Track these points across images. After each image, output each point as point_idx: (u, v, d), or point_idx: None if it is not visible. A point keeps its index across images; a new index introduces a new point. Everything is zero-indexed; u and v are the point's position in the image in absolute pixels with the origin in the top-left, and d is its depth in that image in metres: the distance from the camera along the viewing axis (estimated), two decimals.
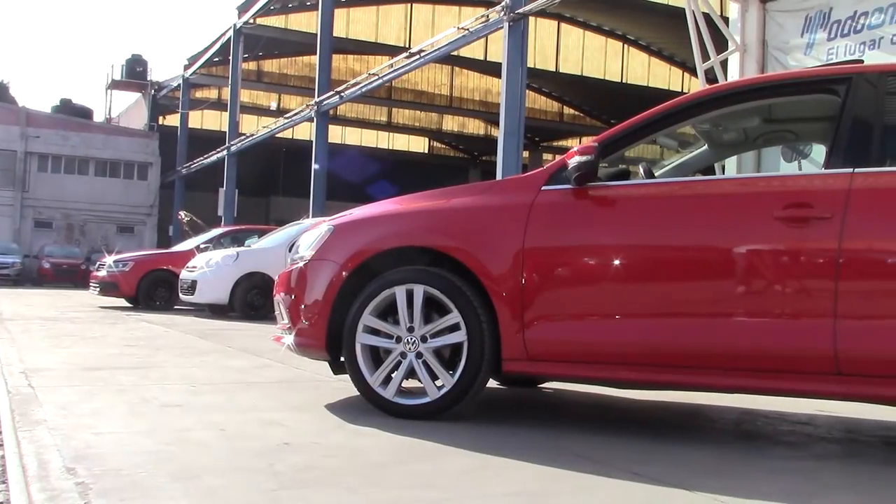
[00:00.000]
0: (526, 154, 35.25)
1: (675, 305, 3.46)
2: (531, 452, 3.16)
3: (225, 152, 30.91)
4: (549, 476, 2.83)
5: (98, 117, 46.78)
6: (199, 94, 39.96)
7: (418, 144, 47.49)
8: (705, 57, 10.57)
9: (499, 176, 13.04)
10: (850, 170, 3.30)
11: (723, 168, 8.25)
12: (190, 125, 38.46)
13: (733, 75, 10.43)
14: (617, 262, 3.55)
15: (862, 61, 5.70)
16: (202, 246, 14.83)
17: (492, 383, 4.59)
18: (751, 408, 4.55)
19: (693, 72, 12.50)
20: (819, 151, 4.76)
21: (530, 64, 23.29)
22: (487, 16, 15.24)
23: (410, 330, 3.73)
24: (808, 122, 4.46)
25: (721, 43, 10.72)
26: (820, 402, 4.47)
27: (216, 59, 34.51)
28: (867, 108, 3.44)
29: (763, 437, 3.88)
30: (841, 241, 3.19)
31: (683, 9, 10.83)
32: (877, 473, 3.14)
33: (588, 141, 3.73)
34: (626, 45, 37.69)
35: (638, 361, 3.49)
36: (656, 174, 4.31)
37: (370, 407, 3.80)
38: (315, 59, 24.30)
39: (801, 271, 3.30)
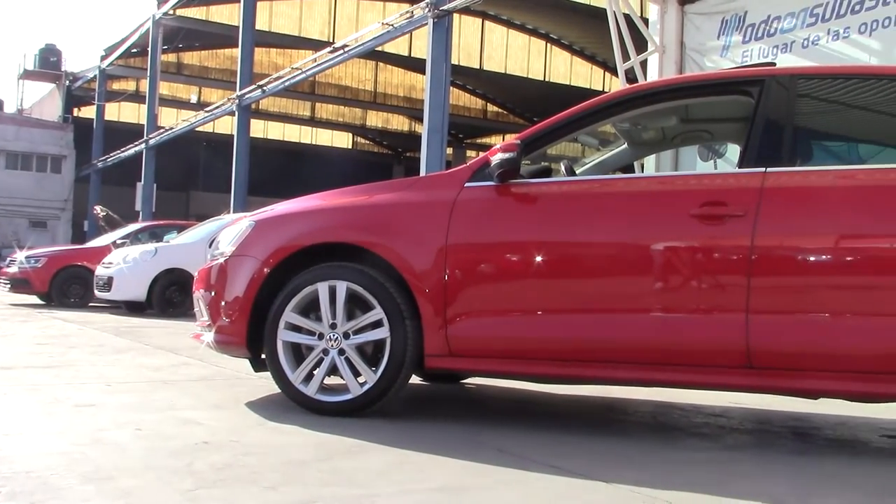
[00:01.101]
0: (450, 151, 35.32)
1: (594, 301, 3.52)
2: (453, 448, 3.17)
3: (143, 146, 30.22)
4: (470, 471, 2.85)
5: (9, 108, 45.18)
6: (116, 85, 38.97)
7: (342, 140, 47.19)
8: (626, 57, 10.76)
9: (422, 172, 13.05)
10: (763, 169, 3.41)
11: (642, 166, 8.41)
12: (107, 117, 37.46)
13: (652, 75, 10.64)
14: (538, 258, 3.58)
15: (774, 64, 5.88)
16: (119, 241, 14.47)
17: (415, 379, 4.59)
18: (667, 401, 4.66)
19: (614, 71, 12.74)
20: (734, 151, 4.89)
21: (454, 61, 23.38)
22: (412, 12, 15.22)
23: (333, 327, 3.71)
24: (723, 123, 4.58)
25: (641, 43, 10.92)
26: (733, 394, 4.60)
27: (134, 51, 33.70)
28: (779, 109, 3.55)
29: (679, 428, 3.97)
30: (753, 238, 3.28)
31: (605, 9, 11.01)
32: (787, 463, 3.25)
33: (511, 138, 3.76)
34: (549, 44, 38.10)
35: (559, 357, 3.54)
36: (577, 172, 4.38)
37: (291, 404, 3.76)
38: (237, 51, 23.92)
39: (715, 267, 3.39)
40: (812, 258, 3.34)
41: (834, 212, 3.35)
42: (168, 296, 11.66)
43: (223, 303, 3.92)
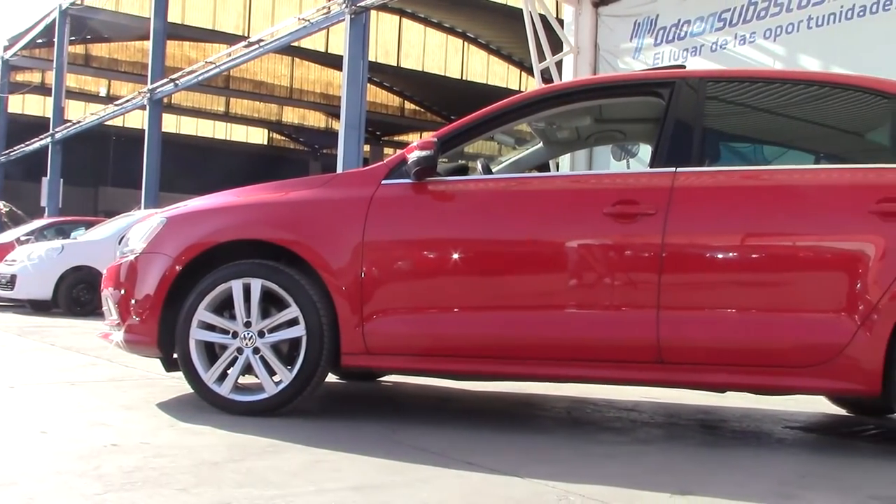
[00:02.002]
0: (367, 148, 35.17)
1: (510, 298, 3.56)
2: (369, 446, 3.16)
3: (49, 139, 29.22)
4: (386, 469, 2.84)
5: None
6: (20, 76, 37.54)
7: (257, 136, 46.47)
8: (541, 57, 10.88)
9: (339, 169, 12.96)
10: (673, 169, 3.49)
11: (557, 165, 8.52)
12: (10, 110, 36.07)
13: (567, 76, 10.78)
14: (455, 256, 3.60)
15: (684, 66, 6.03)
16: (23, 238, 13.97)
17: (331, 378, 4.56)
18: (581, 396, 4.74)
19: (530, 71, 12.89)
20: (646, 151, 5.00)
21: (372, 58, 23.24)
22: (329, 7, 15.08)
23: (247, 325, 3.65)
24: (635, 123, 4.67)
25: (557, 44, 11.06)
26: (645, 388, 4.72)
27: (40, 41, 32.50)
28: (688, 111, 3.65)
29: (592, 423, 4.05)
30: (664, 236, 3.37)
31: (521, 9, 11.11)
32: (694, 455, 3.34)
33: (428, 136, 3.77)
34: (466, 43, 38.25)
35: (475, 353, 3.56)
36: (493, 170, 4.42)
37: (204, 405, 3.70)
38: (148, 44, 23.32)
39: (627, 265, 3.47)
40: (719, 256, 3.45)
41: (740, 211, 3.46)
42: (75, 294, 11.31)
43: (133, 301, 3.82)
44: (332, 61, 33.40)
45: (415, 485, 2.65)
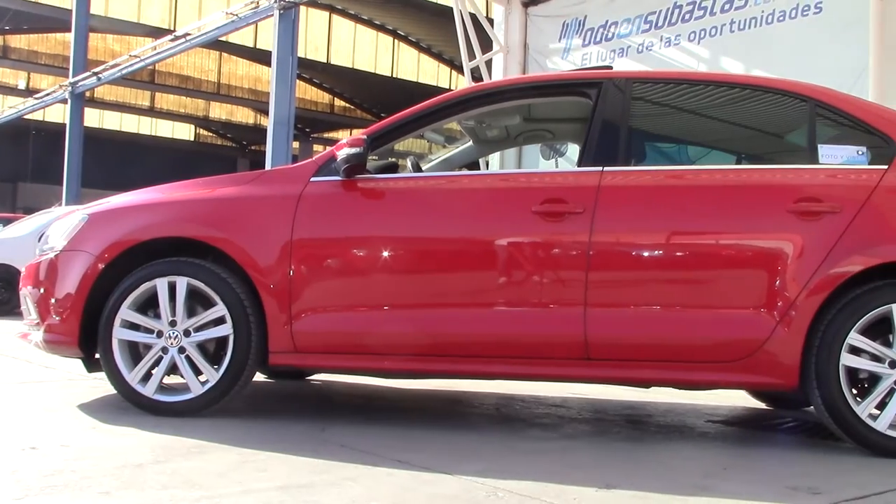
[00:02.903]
0: (296, 145, 34.87)
1: (440, 296, 3.57)
2: (298, 445, 3.14)
3: None
4: (314, 468, 2.82)
5: None
6: None
7: (183, 132, 45.62)
8: (471, 56, 10.93)
9: (268, 166, 12.81)
10: (600, 168, 3.55)
11: (487, 163, 8.57)
12: None
13: (497, 75, 10.86)
14: (384, 253, 3.60)
15: (611, 67, 6.13)
16: None
17: (259, 377, 4.51)
18: (510, 393, 4.78)
19: (461, 69, 12.93)
20: (574, 150, 5.06)
21: (301, 54, 23.06)
22: (258, 2, 14.91)
23: (173, 324, 3.59)
24: (563, 123, 4.73)
25: (487, 43, 11.12)
26: (573, 385, 4.78)
27: None
28: (615, 111, 3.71)
29: (521, 419, 4.08)
30: (591, 234, 3.42)
31: (452, 8, 11.14)
32: (620, 449, 3.40)
33: (357, 133, 3.76)
34: (396, 41, 38.20)
35: (404, 351, 3.56)
36: (423, 168, 4.43)
37: (128, 406, 3.62)
38: (70, 36, 22.70)
39: (555, 263, 3.51)
40: (645, 254, 3.52)
41: (665, 210, 3.54)
42: None
43: (53, 300, 3.71)
44: (261, 57, 33.01)
45: (343, 483, 2.64)
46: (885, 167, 3.45)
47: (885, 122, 3.59)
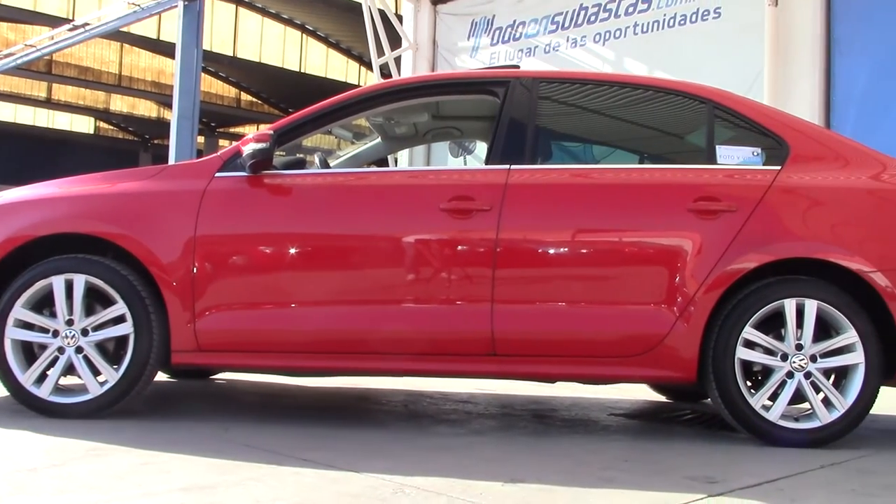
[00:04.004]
0: (201, 139, 34.12)
1: (347, 293, 3.55)
2: (200, 446, 3.07)
3: None
4: (218, 468, 2.77)
5: None
6: None
7: (83, 124, 44.13)
8: (381, 52, 10.90)
9: (171, 161, 12.51)
10: (507, 166, 3.59)
11: (395, 160, 8.57)
12: None
13: (406, 72, 10.86)
14: (290, 250, 3.56)
15: (519, 67, 6.19)
16: None
17: (161, 376, 4.40)
18: (417, 389, 4.79)
19: (370, 66, 12.87)
20: (483, 148, 5.10)
21: (207, 47, 22.58)
22: None
23: (70, 323, 3.47)
24: (471, 121, 4.76)
25: (396, 40, 11.11)
26: (480, 381, 4.82)
27: None
28: (522, 110, 3.75)
29: (428, 416, 4.10)
30: (498, 232, 3.45)
31: (360, 3, 11.08)
32: (526, 444, 3.45)
33: (264, 128, 3.70)
34: (305, 35, 37.78)
35: (311, 349, 3.53)
36: (331, 164, 4.39)
37: (22, 408, 3.48)
38: None
39: (463, 260, 3.53)
40: (551, 251, 3.57)
41: (570, 208, 3.60)
42: None
43: None
44: (165, 49, 32.19)
45: (247, 484, 2.60)
46: (779, 168, 3.58)
47: (778, 125, 3.73)
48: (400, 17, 11.40)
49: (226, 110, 40.51)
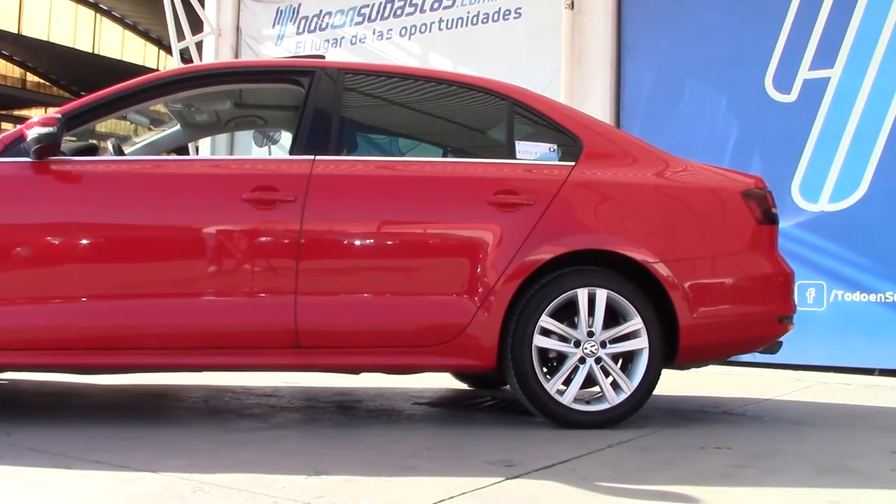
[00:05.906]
0: None
1: (143, 286, 3.41)
2: None
3: None
4: None
5: None
6: None
7: None
8: (181, 37, 10.48)
9: None
10: (312, 157, 3.56)
11: (196, 149, 8.29)
12: None
13: (208, 58, 10.50)
14: (80, 242, 3.37)
15: (324, 57, 6.16)
16: None
17: None
18: (219, 384, 4.67)
19: (169, 50, 12.35)
20: (288, 138, 5.02)
21: None
22: None
23: None
24: (276, 110, 4.68)
25: (198, 24, 10.73)
26: (285, 374, 4.76)
27: None
28: (327, 100, 3.73)
29: (230, 411, 4.00)
30: (302, 223, 3.42)
31: None
32: (330, 436, 3.44)
33: (52, 112, 3.48)
34: (98, 15, 35.77)
35: (105, 345, 3.37)
36: (127, 151, 4.19)
37: None
38: None
39: (266, 251, 3.48)
40: (355, 242, 3.58)
41: (375, 199, 3.62)
42: None
43: None
44: None
45: (31, 490, 2.44)
46: (573, 164, 3.76)
47: (573, 123, 3.91)
48: (202, 1, 11.01)
49: (10, 91, 37.63)
